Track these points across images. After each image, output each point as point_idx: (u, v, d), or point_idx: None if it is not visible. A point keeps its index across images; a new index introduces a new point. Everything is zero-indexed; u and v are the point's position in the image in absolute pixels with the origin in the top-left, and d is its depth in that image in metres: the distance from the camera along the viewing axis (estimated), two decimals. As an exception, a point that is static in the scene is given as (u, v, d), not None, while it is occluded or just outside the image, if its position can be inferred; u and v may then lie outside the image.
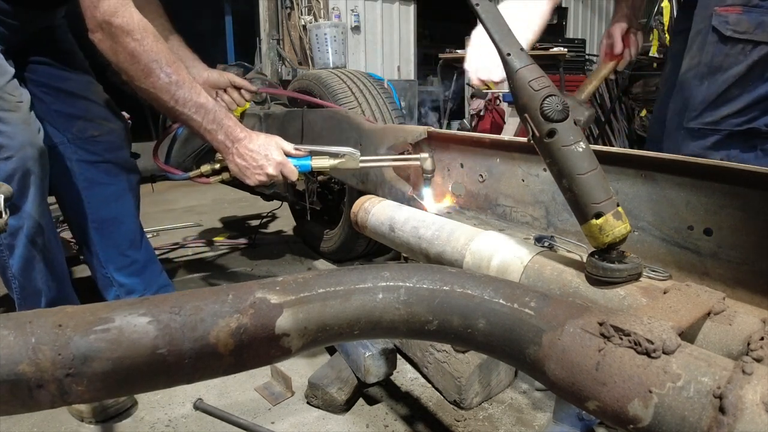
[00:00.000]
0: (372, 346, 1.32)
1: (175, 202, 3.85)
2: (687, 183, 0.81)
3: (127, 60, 1.20)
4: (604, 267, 0.71)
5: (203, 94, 1.27)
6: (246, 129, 1.32)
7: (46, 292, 1.38)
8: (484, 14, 0.76)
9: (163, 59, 1.21)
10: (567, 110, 0.71)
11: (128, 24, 1.18)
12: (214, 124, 1.28)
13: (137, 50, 1.19)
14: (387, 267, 0.64)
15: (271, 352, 0.58)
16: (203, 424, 1.31)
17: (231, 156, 1.31)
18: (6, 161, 1.22)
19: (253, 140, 1.30)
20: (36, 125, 1.30)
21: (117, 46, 1.19)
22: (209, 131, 1.29)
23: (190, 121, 1.28)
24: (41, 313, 0.52)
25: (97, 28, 1.19)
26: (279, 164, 1.29)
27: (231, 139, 1.30)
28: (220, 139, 1.30)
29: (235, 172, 1.34)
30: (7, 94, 1.25)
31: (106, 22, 1.17)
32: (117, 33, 1.17)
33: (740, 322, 0.61)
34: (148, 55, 1.19)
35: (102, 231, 1.61)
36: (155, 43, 1.21)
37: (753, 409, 0.41)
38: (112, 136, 1.60)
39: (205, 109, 1.27)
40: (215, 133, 1.29)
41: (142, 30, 1.19)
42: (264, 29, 5.88)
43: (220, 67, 2.22)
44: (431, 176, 1.31)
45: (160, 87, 1.22)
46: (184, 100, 1.24)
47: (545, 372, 0.53)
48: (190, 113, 1.26)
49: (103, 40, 1.20)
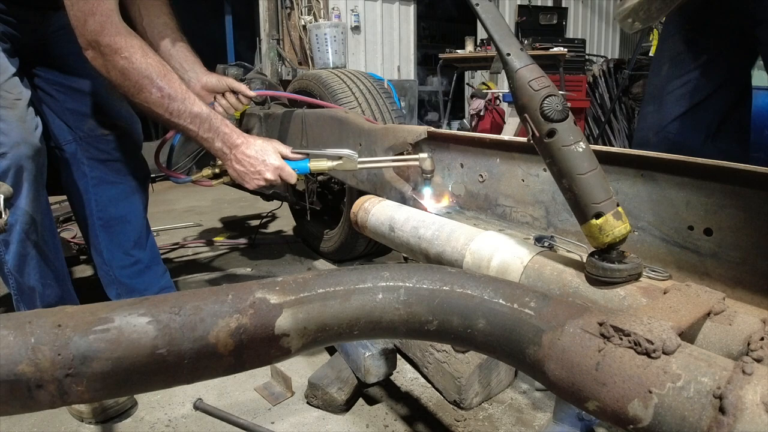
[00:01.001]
0: (372, 346, 1.32)
1: (175, 202, 3.85)
2: (687, 183, 0.81)
3: (119, 77, 1.22)
4: (604, 267, 0.71)
5: (198, 103, 1.29)
6: (243, 134, 1.33)
7: (40, 289, 1.38)
8: (484, 14, 0.76)
9: (154, 73, 1.23)
10: (567, 110, 0.71)
11: (115, 42, 1.19)
12: (211, 132, 1.30)
13: (127, 67, 1.20)
14: (387, 267, 0.64)
15: (271, 352, 0.58)
16: (203, 424, 1.31)
17: (229, 162, 1.32)
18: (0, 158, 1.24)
19: (250, 146, 1.31)
20: (33, 123, 1.31)
21: (108, 64, 1.21)
22: (206, 139, 1.31)
23: (186, 131, 1.30)
24: (41, 313, 0.52)
25: (88, 46, 1.21)
26: (277, 168, 1.31)
27: (228, 146, 1.31)
28: (217, 146, 1.31)
29: (235, 178, 1.35)
30: (5, 92, 1.26)
31: (94, 41, 1.19)
32: (105, 51, 1.19)
33: (740, 322, 0.61)
34: (138, 72, 1.21)
35: (108, 229, 1.62)
36: (144, 59, 1.22)
37: (753, 409, 0.41)
38: (122, 135, 1.62)
39: (200, 119, 1.28)
40: (212, 141, 1.31)
41: (129, 47, 1.20)
42: (264, 29, 5.88)
43: (220, 67, 2.22)
44: (431, 176, 1.31)
45: (153, 101, 1.24)
46: (178, 111, 1.26)
47: (545, 372, 0.53)
48: (185, 124, 1.28)
49: (95, 57, 1.22)
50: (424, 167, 1.30)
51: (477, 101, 5.69)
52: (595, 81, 6.15)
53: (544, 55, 5.18)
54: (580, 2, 8.05)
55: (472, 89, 6.44)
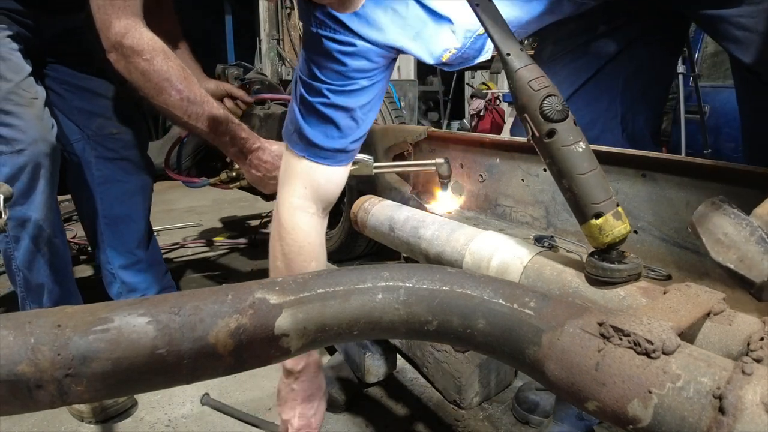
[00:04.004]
0: (372, 346, 1.32)
1: (175, 202, 3.85)
2: (687, 183, 0.80)
3: (140, 79, 1.24)
4: (604, 267, 0.71)
5: (216, 107, 1.30)
6: (260, 139, 1.34)
7: (49, 286, 1.39)
8: (484, 14, 0.76)
9: (174, 76, 1.24)
10: (567, 110, 0.71)
11: (138, 44, 1.21)
12: (227, 136, 1.31)
13: (148, 69, 1.22)
14: (387, 267, 0.64)
15: (271, 352, 0.57)
16: (203, 424, 1.31)
17: (246, 167, 1.33)
18: (18, 154, 1.26)
19: (266, 151, 1.31)
20: (49, 121, 1.33)
21: (130, 66, 1.23)
22: (223, 144, 1.32)
23: (203, 134, 1.31)
24: (40, 313, 0.52)
25: (112, 48, 1.23)
26: None
27: (244, 151, 1.32)
28: (233, 151, 1.33)
29: (252, 182, 1.36)
30: (22, 90, 1.29)
31: (118, 43, 1.21)
32: (128, 53, 1.22)
33: (740, 322, 0.61)
34: (158, 74, 1.23)
35: (112, 227, 1.64)
36: (165, 62, 1.24)
37: (753, 409, 0.41)
38: (130, 135, 1.63)
39: (217, 123, 1.30)
40: (229, 146, 1.32)
41: (151, 50, 1.22)
42: (264, 29, 5.88)
43: (220, 67, 2.23)
44: (448, 181, 1.29)
45: (172, 104, 1.26)
46: (196, 115, 1.28)
47: (545, 372, 0.53)
48: (202, 127, 1.29)
49: (117, 60, 1.24)
50: (440, 172, 1.28)
51: (477, 101, 5.69)
52: (595, 81, 6.13)
53: (544, 55, 5.16)
54: (580, 2, 8.03)
55: (472, 89, 6.44)
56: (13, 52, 1.30)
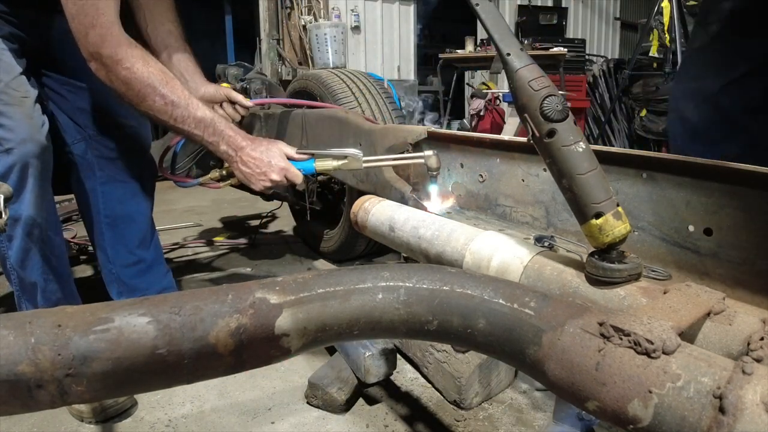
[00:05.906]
0: (372, 346, 1.32)
1: (175, 202, 3.85)
2: (687, 183, 0.81)
3: (122, 87, 1.24)
4: (604, 267, 0.71)
5: (201, 107, 1.31)
6: (248, 136, 1.35)
7: (42, 284, 1.39)
8: (484, 14, 0.76)
9: (156, 81, 1.25)
10: (567, 110, 0.71)
11: (116, 53, 1.21)
12: (215, 136, 1.32)
13: (129, 78, 1.23)
14: (387, 267, 0.64)
15: (271, 352, 0.58)
16: (203, 424, 1.31)
17: (236, 164, 1.34)
18: (6, 154, 1.25)
19: (255, 148, 1.32)
20: (40, 121, 1.33)
21: (110, 75, 1.23)
22: (211, 143, 1.33)
23: (191, 136, 1.32)
24: (41, 313, 0.52)
25: (91, 57, 1.23)
26: (282, 169, 1.32)
27: (233, 149, 1.33)
28: (222, 149, 1.33)
29: (241, 179, 1.37)
30: (12, 90, 1.28)
31: (96, 53, 1.21)
32: (107, 63, 1.22)
33: (740, 322, 0.61)
34: (140, 81, 1.23)
35: (114, 227, 1.64)
36: (145, 68, 1.24)
37: (753, 409, 0.41)
38: (132, 134, 1.63)
39: (204, 123, 1.30)
40: (217, 145, 1.33)
41: (130, 57, 1.22)
42: (264, 29, 5.88)
43: (220, 67, 2.23)
44: (437, 173, 1.29)
45: (157, 109, 1.26)
46: (182, 117, 1.28)
47: (545, 372, 0.53)
48: (190, 129, 1.30)
49: (98, 69, 1.24)
50: (429, 164, 1.29)
51: (477, 101, 5.69)
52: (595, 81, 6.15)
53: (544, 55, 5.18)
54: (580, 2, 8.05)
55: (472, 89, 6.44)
56: (3, 52, 1.29)
